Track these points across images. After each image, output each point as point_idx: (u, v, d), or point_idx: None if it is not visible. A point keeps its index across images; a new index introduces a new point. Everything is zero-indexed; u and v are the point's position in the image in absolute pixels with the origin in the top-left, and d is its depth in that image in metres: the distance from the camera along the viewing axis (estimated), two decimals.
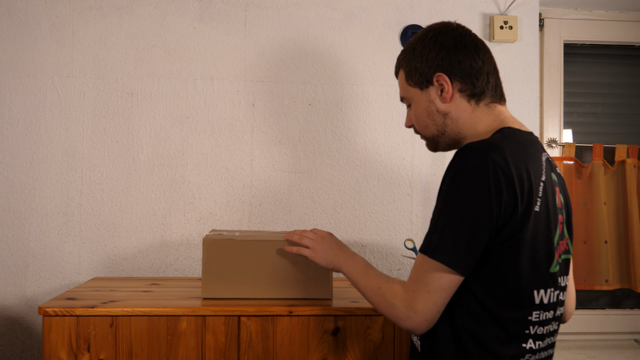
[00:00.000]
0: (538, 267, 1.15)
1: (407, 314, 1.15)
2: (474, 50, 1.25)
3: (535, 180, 1.14)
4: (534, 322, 1.16)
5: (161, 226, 2.05)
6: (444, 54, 1.24)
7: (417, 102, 1.30)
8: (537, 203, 1.13)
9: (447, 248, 1.11)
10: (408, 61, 1.30)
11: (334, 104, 2.11)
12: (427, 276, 1.14)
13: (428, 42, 1.26)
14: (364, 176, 2.12)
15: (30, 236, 2.00)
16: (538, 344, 1.18)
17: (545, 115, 2.34)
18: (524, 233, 1.11)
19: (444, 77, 1.24)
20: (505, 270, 1.13)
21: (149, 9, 2.06)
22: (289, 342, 1.50)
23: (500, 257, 1.13)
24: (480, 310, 1.15)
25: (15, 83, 2.01)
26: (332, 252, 1.42)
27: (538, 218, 1.13)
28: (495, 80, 1.27)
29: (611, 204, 2.34)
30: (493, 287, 1.14)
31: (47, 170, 2.01)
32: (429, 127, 1.29)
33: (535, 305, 1.16)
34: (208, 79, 2.07)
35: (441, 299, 1.14)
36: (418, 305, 1.14)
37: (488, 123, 1.24)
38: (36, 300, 2.00)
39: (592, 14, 2.37)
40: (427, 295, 1.13)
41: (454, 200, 1.11)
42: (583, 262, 2.30)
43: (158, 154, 2.05)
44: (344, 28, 2.12)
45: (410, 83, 1.30)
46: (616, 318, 2.38)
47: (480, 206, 1.09)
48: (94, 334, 1.45)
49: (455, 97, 1.25)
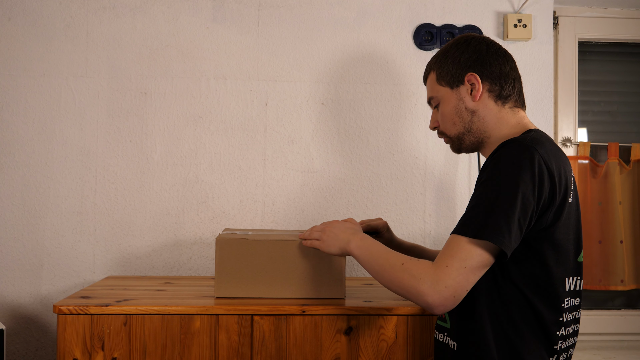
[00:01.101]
0: (570, 256, 1.22)
1: (435, 288, 1.14)
2: (503, 57, 1.34)
3: (568, 175, 1.22)
4: (565, 308, 1.22)
5: (175, 225, 2.06)
6: (476, 57, 1.32)
7: (446, 100, 1.36)
8: (570, 195, 1.21)
9: (496, 227, 1.13)
10: (440, 64, 1.37)
11: (347, 103, 2.11)
12: (464, 253, 1.15)
13: (461, 47, 1.35)
14: (376, 175, 2.11)
15: (45, 235, 2.02)
16: (567, 329, 1.23)
17: (559, 114, 2.32)
18: (560, 223, 1.18)
19: (475, 76, 1.31)
20: (544, 258, 1.18)
21: (163, 9, 2.07)
22: (302, 342, 1.50)
23: (538, 245, 1.18)
24: (520, 300, 1.19)
25: (30, 83, 2.03)
26: (343, 237, 1.40)
27: (571, 210, 1.21)
28: (519, 87, 1.35)
29: (627, 203, 2.32)
30: (532, 275, 1.19)
31: (61, 169, 2.03)
32: (457, 124, 1.35)
33: (566, 293, 1.22)
34: (221, 79, 2.08)
35: (474, 277, 1.15)
36: (449, 280, 1.14)
37: (512, 125, 1.32)
38: (51, 298, 2.01)
39: (607, 12, 2.35)
40: (462, 270, 1.14)
41: (502, 184, 1.15)
42: (598, 262, 2.28)
43: (171, 154, 2.06)
44: (356, 27, 2.12)
45: (442, 83, 1.36)
46: (632, 318, 2.36)
47: (526, 193, 1.13)
48: (108, 333, 1.46)
49: (484, 97, 1.32)
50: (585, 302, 2.37)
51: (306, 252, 1.55)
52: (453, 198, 2.12)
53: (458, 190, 2.13)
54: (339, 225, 1.46)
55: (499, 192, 1.14)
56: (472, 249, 1.14)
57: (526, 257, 1.19)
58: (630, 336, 2.35)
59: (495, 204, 1.14)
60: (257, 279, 1.56)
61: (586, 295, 2.37)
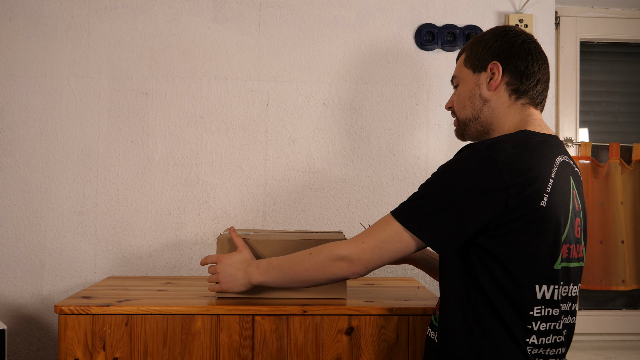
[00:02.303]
0: (540, 262, 1.17)
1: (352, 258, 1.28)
2: (536, 56, 1.32)
3: (542, 177, 1.17)
4: (535, 317, 1.18)
5: (176, 225, 2.06)
6: (507, 48, 1.32)
7: (465, 82, 1.37)
8: (543, 199, 1.16)
9: (421, 217, 1.21)
10: (473, 45, 1.37)
11: (348, 103, 2.11)
12: (384, 234, 1.25)
13: (498, 35, 1.34)
14: (378, 176, 2.11)
15: (46, 235, 2.02)
16: (541, 339, 1.19)
17: (561, 114, 2.32)
18: (520, 227, 1.16)
19: (498, 65, 1.31)
20: (505, 263, 1.17)
21: (164, 9, 2.07)
22: (303, 342, 1.50)
23: (498, 251, 1.17)
24: (485, 302, 1.18)
25: (32, 83, 2.03)
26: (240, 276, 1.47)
27: (545, 213, 1.16)
28: (542, 88, 1.33)
29: (628, 203, 2.32)
30: (494, 279, 1.17)
31: (62, 169, 2.03)
32: (467, 108, 1.36)
33: (537, 301, 1.18)
34: (222, 79, 2.08)
35: (389, 258, 1.26)
36: (364, 255, 1.27)
37: (515, 123, 1.30)
38: (52, 298, 2.01)
39: (609, 12, 2.34)
40: (377, 250, 1.25)
41: (445, 180, 1.21)
42: (599, 262, 2.27)
43: (173, 154, 2.06)
44: (358, 27, 2.12)
45: (467, 65, 1.37)
46: (633, 319, 2.36)
47: (470, 195, 1.16)
48: (109, 333, 1.46)
49: (500, 88, 1.32)
50: (587, 302, 2.37)
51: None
52: None
53: None
54: (229, 264, 1.48)
55: (439, 185, 1.21)
56: (393, 233, 1.23)
57: (488, 260, 1.18)
58: (631, 336, 2.35)
59: (429, 196, 1.21)
60: None
61: (587, 295, 2.37)
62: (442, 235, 1.19)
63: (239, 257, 1.49)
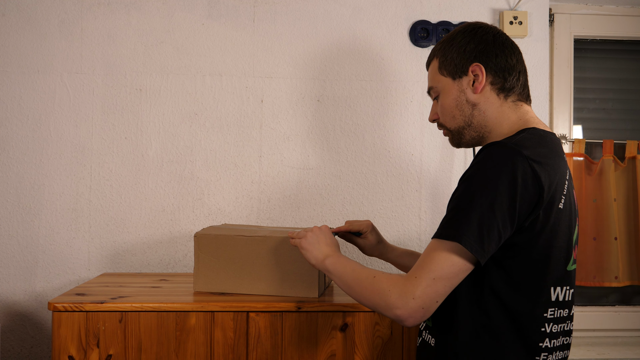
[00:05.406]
0: (557, 264, 1.16)
1: (403, 300, 1.10)
2: (510, 48, 1.29)
3: (560, 179, 1.16)
4: (549, 319, 1.17)
5: (170, 222, 2.05)
6: (482, 47, 1.27)
7: (446, 92, 1.31)
8: (561, 200, 1.15)
9: (470, 233, 1.08)
10: (445, 51, 1.31)
11: (343, 100, 2.11)
12: (435, 261, 1.10)
13: (467, 35, 1.29)
14: (372, 172, 2.11)
15: (39, 232, 2.01)
16: (553, 342, 1.18)
17: (555, 111, 2.33)
18: (546, 229, 1.13)
19: (480, 67, 1.26)
20: (525, 265, 1.14)
21: (158, 5, 2.06)
22: (298, 338, 1.50)
23: (521, 252, 1.13)
24: (498, 306, 1.15)
25: (25, 79, 2.02)
26: (324, 250, 1.36)
27: (561, 216, 1.15)
28: (524, 80, 1.31)
29: (621, 200, 2.32)
30: (513, 282, 1.14)
31: (56, 166, 2.02)
32: (456, 117, 1.30)
33: (551, 302, 1.17)
34: (217, 75, 2.07)
35: (444, 287, 1.11)
36: (417, 291, 1.10)
37: (513, 121, 1.27)
38: (46, 295, 2.01)
39: (603, 9, 2.35)
40: (431, 282, 1.10)
41: (480, 189, 1.10)
42: (592, 258, 2.28)
43: (167, 150, 2.06)
44: (352, 24, 2.12)
45: (443, 72, 1.31)
46: (626, 315, 2.37)
47: (506, 198, 1.08)
48: (103, 330, 1.46)
49: (486, 89, 1.27)
50: (580, 298, 2.38)
51: (281, 250, 1.55)
52: (449, 195, 2.12)
53: (454, 187, 2.13)
54: (326, 235, 1.41)
55: (476, 197, 1.10)
56: (444, 257, 1.10)
57: (506, 263, 1.14)
58: (624, 332, 2.36)
59: (470, 210, 1.10)
60: (229, 274, 1.59)
61: (581, 291, 2.37)
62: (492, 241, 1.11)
63: (334, 239, 1.41)
